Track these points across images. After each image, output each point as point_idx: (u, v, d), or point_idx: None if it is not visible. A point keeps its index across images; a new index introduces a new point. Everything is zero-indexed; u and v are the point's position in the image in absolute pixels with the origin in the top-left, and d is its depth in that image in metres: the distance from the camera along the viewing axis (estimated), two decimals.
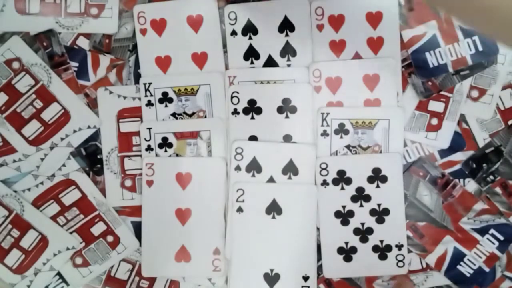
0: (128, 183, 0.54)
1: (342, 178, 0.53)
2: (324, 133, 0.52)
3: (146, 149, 0.54)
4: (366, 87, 0.52)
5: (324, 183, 0.53)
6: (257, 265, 0.53)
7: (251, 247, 0.53)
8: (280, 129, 0.53)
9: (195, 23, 0.53)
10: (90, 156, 0.55)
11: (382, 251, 0.53)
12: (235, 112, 0.53)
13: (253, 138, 0.53)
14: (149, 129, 0.54)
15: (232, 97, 0.53)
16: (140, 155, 0.54)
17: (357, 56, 0.53)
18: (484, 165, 0.54)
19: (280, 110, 0.53)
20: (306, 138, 0.53)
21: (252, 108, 0.53)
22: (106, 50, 0.54)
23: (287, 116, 0.53)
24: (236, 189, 0.52)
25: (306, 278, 0.52)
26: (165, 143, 0.54)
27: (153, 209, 0.54)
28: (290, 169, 0.53)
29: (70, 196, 0.54)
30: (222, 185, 0.53)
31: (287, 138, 0.53)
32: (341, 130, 0.52)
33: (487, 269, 0.54)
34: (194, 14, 0.53)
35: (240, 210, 0.53)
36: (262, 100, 0.53)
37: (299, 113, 0.52)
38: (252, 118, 0.53)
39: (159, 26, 0.53)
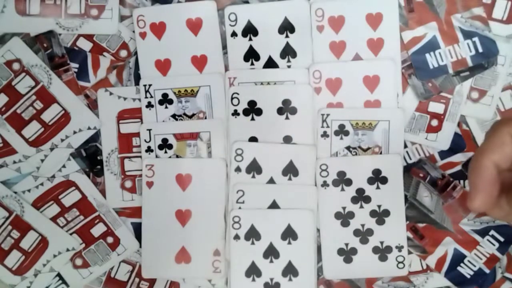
0: (128, 184, 0.54)
1: (342, 179, 0.52)
2: (324, 134, 0.52)
3: (146, 150, 0.54)
4: (366, 88, 0.52)
5: (324, 184, 0.52)
6: None
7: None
8: (280, 130, 0.53)
9: (195, 26, 0.53)
10: (90, 157, 0.55)
11: (382, 252, 0.53)
12: (235, 113, 0.53)
13: (253, 139, 0.53)
14: (149, 130, 0.54)
15: (232, 98, 0.53)
16: (140, 156, 0.54)
17: (357, 57, 0.53)
18: None
19: (280, 111, 0.53)
20: (306, 139, 0.53)
21: (252, 109, 0.53)
22: None
23: (287, 117, 0.53)
24: (236, 190, 0.52)
25: None
26: (165, 144, 0.54)
27: (153, 210, 0.54)
28: (290, 170, 0.53)
29: (70, 197, 0.54)
30: (222, 186, 0.53)
31: (287, 139, 0.53)
32: (341, 131, 0.52)
33: (487, 271, 0.54)
34: (193, 17, 0.53)
35: (239, 202, 0.53)
36: (262, 101, 0.53)
37: (299, 114, 0.52)
38: (252, 119, 0.53)
39: (158, 29, 0.53)
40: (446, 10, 0.53)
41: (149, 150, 0.54)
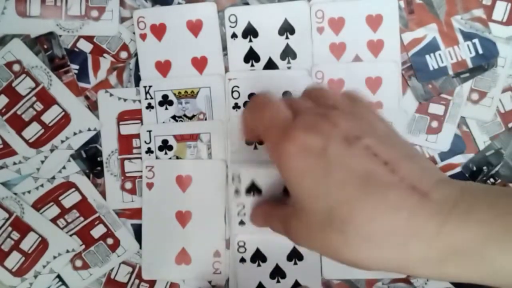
0: (128, 185, 0.54)
1: None
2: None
3: (146, 152, 0.54)
4: (369, 90, 0.52)
5: None
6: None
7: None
8: None
9: (195, 27, 0.53)
10: (90, 159, 0.55)
11: None
12: (236, 106, 0.53)
13: None
14: (149, 131, 0.54)
15: (232, 92, 0.53)
16: (140, 158, 0.54)
17: (357, 58, 0.53)
18: (485, 167, 0.54)
19: None
20: None
21: None
22: None
23: None
24: (236, 204, 0.52)
25: None
26: (165, 146, 0.54)
27: (153, 212, 0.54)
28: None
29: (70, 199, 0.54)
30: (222, 187, 0.53)
31: None
32: None
33: None
34: (193, 19, 0.53)
35: (242, 223, 0.53)
36: None
37: None
38: None
39: (158, 31, 0.53)
40: (446, 12, 0.53)
41: (149, 151, 0.54)
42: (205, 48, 0.54)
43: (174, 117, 0.54)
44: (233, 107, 0.53)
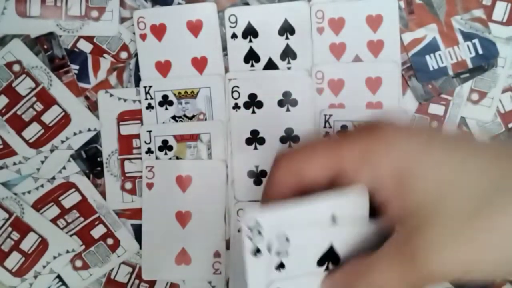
0: (128, 185, 0.54)
1: None
2: (327, 135, 0.52)
3: (146, 152, 0.54)
4: (369, 90, 0.52)
5: None
6: None
7: None
8: (281, 123, 0.53)
9: (195, 28, 0.53)
10: (90, 159, 0.55)
11: None
12: (236, 106, 0.53)
13: (254, 132, 0.53)
14: (149, 132, 0.54)
15: (232, 92, 0.53)
16: (140, 158, 0.54)
17: (357, 59, 0.53)
18: None
19: (281, 103, 0.53)
20: (307, 130, 0.53)
21: (253, 102, 0.53)
22: None
23: (288, 110, 0.53)
24: (237, 209, 0.52)
25: None
26: (165, 146, 0.54)
27: (153, 212, 0.54)
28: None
29: (70, 199, 0.54)
30: (222, 188, 0.53)
31: (289, 132, 0.53)
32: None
33: None
34: (193, 19, 0.53)
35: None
36: (262, 94, 0.53)
37: (300, 106, 0.53)
38: (253, 112, 0.53)
39: (159, 31, 0.53)
40: (446, 12, 0.53)
41: (149, 151, 0.54)
42: (205, 48, 0.54)
43: (174, 117, 0.54)
44: (233, 107, 0.53)
